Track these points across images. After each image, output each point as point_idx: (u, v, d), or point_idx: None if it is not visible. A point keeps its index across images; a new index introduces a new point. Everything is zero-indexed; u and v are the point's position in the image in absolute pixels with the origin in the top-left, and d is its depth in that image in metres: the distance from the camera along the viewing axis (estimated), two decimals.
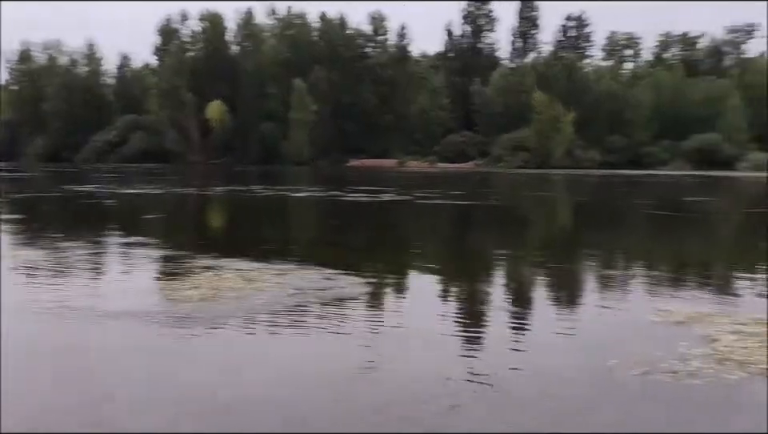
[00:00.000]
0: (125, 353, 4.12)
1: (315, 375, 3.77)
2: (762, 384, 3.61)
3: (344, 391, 3.51)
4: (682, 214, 17.13)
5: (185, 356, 4.10)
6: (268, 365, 3.97)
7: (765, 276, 7.39)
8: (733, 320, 4.87)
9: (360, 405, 3.33)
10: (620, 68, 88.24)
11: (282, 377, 3.74)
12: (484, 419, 3.15)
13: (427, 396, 3.42)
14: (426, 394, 3.46)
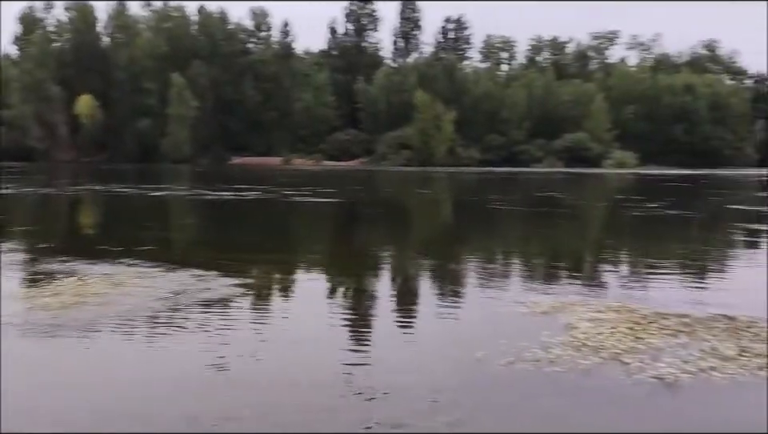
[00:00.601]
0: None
1: (165, 380, 3.61)
2: (613, 367, 3.85)
3: (199, 395, 3.38)
4: (546, 209, 18.12)
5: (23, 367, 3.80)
6: (118, 372, 3.76)
7: (618, 266, 7.94)
8: (590, 308, 5.17)
9: (213, 409, 3.21)
10: (496, 70, 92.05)
11: (132, 384, 3.55)
12: (356, 417, 3.14)
13: (289, 399, 3.36)
14: (281, 397, 3.39)
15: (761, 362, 3.90)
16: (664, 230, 13.02)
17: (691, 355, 4.04)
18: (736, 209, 17.89)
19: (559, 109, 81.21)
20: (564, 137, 77.11)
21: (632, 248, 10.40)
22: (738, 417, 3.20)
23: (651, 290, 6.33)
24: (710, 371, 3.76)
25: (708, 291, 6.34)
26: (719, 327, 4.67)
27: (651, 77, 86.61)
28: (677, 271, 7.72)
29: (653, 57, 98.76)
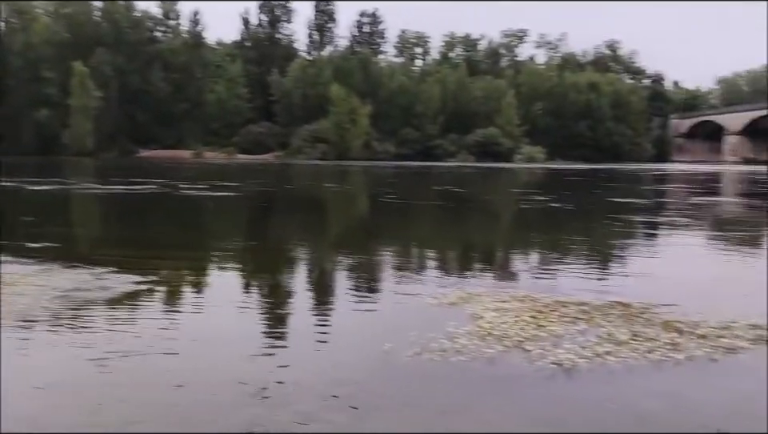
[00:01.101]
0: None
1: (57, 385, 3.41)
2: (516, 355, 3.95)
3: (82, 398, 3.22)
4: (449, 203, 18.52)
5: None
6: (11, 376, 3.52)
7: (523, 257, 8.20)
8: (496, 299, 5.30)
9: (111, 413, 3.06)
10: (411, 65, 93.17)
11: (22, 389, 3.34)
12: (250, 415, 3.06)
13: (184, 399, 3.26)
14: (178, 397, 3.28)
15: (650, 345, 4.11)
16: (561, 222, 13.56)
17: (588, 340, 4.20)
18: (626, 201, 18.88)
19: (472, 104, 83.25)
20: (476, 132, 79.12)
21: (534, 240, 10.75)
22: (628, 398, 3.35)
23: (554, 280, 6.57)
24: (605, 356, 3.92)
25: (606, 280, 6.63)
26: (615, 313, 4.89)
27: (558, 75, 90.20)
28: (577, 261, 8.03)
29: (559, 56, 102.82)
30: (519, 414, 3.18)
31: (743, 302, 5.43)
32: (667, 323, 4.62)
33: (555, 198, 19.37)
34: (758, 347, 4.15)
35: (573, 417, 3.12)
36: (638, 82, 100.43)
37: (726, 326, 4.57)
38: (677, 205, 19.14)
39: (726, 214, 16.35)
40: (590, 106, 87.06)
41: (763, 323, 4.62)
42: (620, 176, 39.84)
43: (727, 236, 11.55)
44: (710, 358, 3.95)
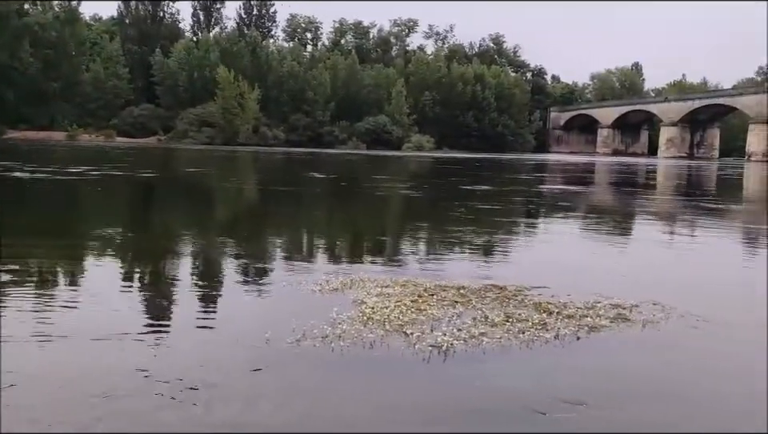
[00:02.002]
0: None
1: None
2: (396, 338, 4.02)
3: None
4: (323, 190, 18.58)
5: None
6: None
7: (405, 243, 8.36)
8: (378, 284, 5.37)
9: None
10: (301, 50, 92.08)
11: None
12: (93, 415, 2.94)
13: (39, 399, 3.07)
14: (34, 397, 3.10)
15: (522, 326, 4.32)
16: (433, 209, 13.97)
17: (465, 323, 4.36)
18: (499, 189, 19.72)
19: (362, 92, 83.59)
20: (367, 120, 79.58)
21: (413, 227, 11.00)
22: (499, 376, 3.51)
23: (435, 265, 6.75)
24: (481, 337, 4.08)
25: (484, 265, 6.90)
26: (490, 296, 5.10)
27: (447, 66, 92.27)
28: (458, 247, 8.29)
29: (448, 47, 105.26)
30: (397, 395, 3.25)
31: (607, 283, 5.81)
32: (538, 305, 4.87)
33: (428, 187, 19.91)
34: (617, 325, 4.47)
35: (444, 396, 3.23)
36: (520, 75, 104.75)
37: (590, 306, 4.88)
38: (550, 193, 20.20)
39: (595, 202, 17.46)
40: (476, 98, 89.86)
41: (623, 303, 4.98)
42: (496, 165, 41.52)
43: (594, 223, 12.34)
44: (576, 336, 4.21)
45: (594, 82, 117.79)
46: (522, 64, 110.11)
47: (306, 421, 2.93)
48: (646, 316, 4.67)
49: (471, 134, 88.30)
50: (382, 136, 77.70)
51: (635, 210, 15.19)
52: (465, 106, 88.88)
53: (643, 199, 19.10)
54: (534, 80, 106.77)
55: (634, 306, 4.91)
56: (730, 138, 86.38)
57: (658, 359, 3.93)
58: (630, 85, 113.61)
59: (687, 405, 3.24)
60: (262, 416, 2.94)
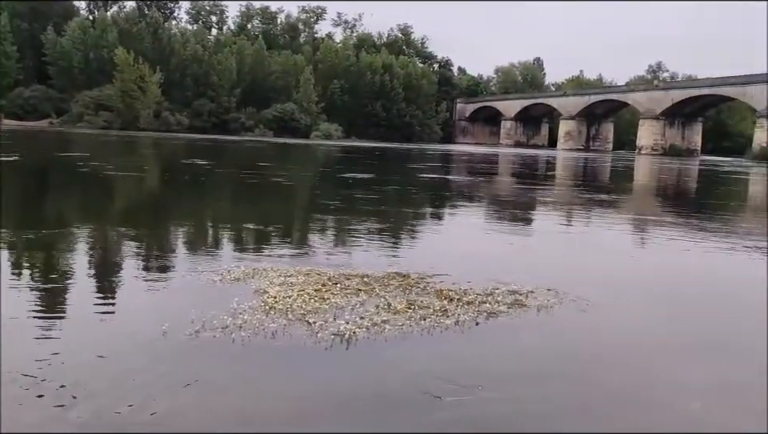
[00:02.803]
0: None
1: None
2: (298, 328, 4.00)
3: None
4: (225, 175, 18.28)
5: None
6: None
7: (311, 231, 8.32)
8: (281, 273, 5.32)
9: None
10: (206, 33, 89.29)
11: None
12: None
13: None
14: None
15: (424, 313, 4.40)
16: (346, 195, 14.03)
17: (368, 311, 4.39)
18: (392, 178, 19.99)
19: (270, 79, 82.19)
20: (274, 107, 78.35)
21: (318, 214, 10.97)
22: (399, 362, 3.56)
23: (340, 253, 6.75)
24: (383, 325, 4.12)
25: (388, 253, 6.96)
26: (394, 284, 5.16)
27: (355, 54, 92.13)
28: (363, 236, 8.33)
29: (356, 35, 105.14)
30: (298, 384, 3.23)
31: (506, 271, 6.01)
32: (440, 292, 4.98)
33: (312, 175, 19.92)
34: (513, 310, 4.64)
35: (345, 384, 3.25)
36: (428, 66, 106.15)
37: (490, 292, 5.04)
38: (455, 183, 20.67)
39: (497, 192, 18.02)
40: (384, 87, 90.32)
41: (520, 289, 5.17)
42: (399, 155, 42.06)
43: (495, 212, 12.74)
44: (475, 322, 4.33)
45: (498, 75, 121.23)
46: (430, 55, 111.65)
47: (203, 414, 2.86)
48: (541, 302, 4.87)
49: (380, 123, 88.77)
50: (289, 124, 76.76)
51: (534, 199, 15.79)
52: (373, 95, 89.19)
53: (542, 189, 19.89)
54: (441, 71, 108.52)
55: (530, 292, 5.11)
56: (622, 131, 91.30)
57: (550, 341, 4.11)
58: (531, 79, 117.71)
59: (577, 385, 3.41)
60: (156, 410, 2.84)
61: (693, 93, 71.40)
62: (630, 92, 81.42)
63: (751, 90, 63.32)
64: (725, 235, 10.08)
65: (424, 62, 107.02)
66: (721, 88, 67.81)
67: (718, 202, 18.54)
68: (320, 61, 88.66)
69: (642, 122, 75.63)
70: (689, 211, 14.60)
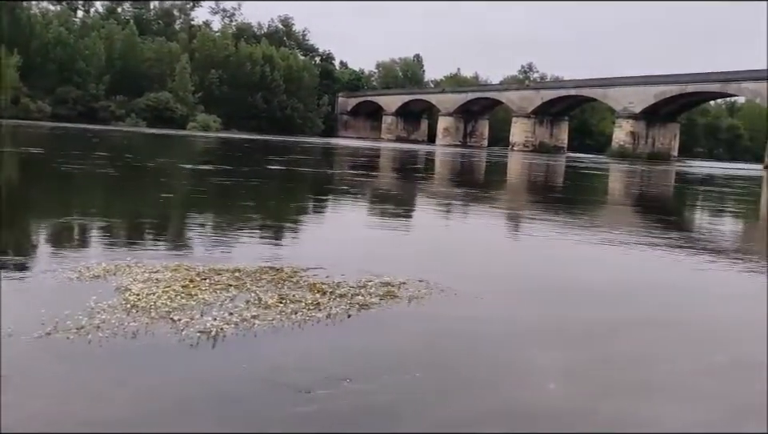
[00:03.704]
0: None
1: None
2: (162, 326, 3.81)
3: None
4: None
5: None
6: None
7: (181, 224, 8.01)
8: (146, 269, 5.06)
9: None
10: (71, 15, 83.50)
11: None
12: None
13: None
14: None
15: (295, 307, 4.34)
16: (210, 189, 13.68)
17: (237, 306, 4.27)
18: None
19: (142, 66, 78.25)
20: (147, 96, 74.78)
21: (184, 208, 10.61)
22: (266, 357, 3.48)
23: (210, 247, 6.54)
24: (252, 320, 4.02)
25: (263, 247, 6.83)
26: (266, 278, 5.06)
27: (234, 44, 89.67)
28: (238, 229, 8.13)
29: (235, 25, 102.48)
30: (157, 385, 3.07)
31: (380, 263, 6.07)
32: (313, 285, 4.93)
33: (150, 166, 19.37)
34: (385, 301, 4.68)
35: (208, 382, 3.13)
36: (309, 59, 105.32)
37: (363, 285, 5.06)
38: (337, 177, 20.71)
39: (379, 186, 18.23)
40: (265, 79, 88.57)
41: (392, 281, 5.23)
42: (271, 147, 41.62)
43: (372, 205, 12.88)
44: (347, 314, 4.33)
45: (379, 70, 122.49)
46: (311, 48, 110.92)
47: (46, 425, 2.65)
48: (412, 292, 4.96)
49: (260, 115, 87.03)
50: (164, 114, 73.46)
51: (411, 193, 16.12)
52: (254, 86, 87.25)
53: (420, 183, 20.35)
54: (323, 65, 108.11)
55: (402, 283, 5.18)
56: (497, 128, 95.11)
57: (420, 331, 4.18)
58: (412, 75, 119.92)
59: (446, 373, 3.48)
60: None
61: (561, 93, 75.75)
62: (504, 91, 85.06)
63: (611, 93, 68.14)
64: (587, 227, 10.77)
65: (305, 55, 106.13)
66: (585, 90, 72.43)
67: (582, 197, 19.83)
68: (197, 49, 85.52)
69: (515, 119, 79.25)
70: (555, 205, 15.48)
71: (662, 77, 63.62)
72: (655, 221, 12.94)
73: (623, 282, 6.27)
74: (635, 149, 64.24)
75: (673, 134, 67.70)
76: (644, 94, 64.05)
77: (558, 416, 3.02)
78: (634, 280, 6.38)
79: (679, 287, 6.24)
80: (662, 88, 62.46)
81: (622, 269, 7.05)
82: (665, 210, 16.93)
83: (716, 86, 59.88)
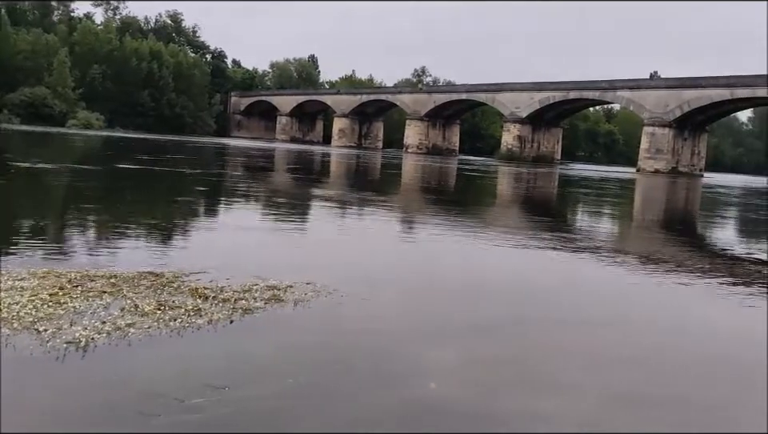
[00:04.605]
0: None
1: None
2: (25, 338, 3.55)
3: None
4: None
5: None
6: None
7: (53, 229, 7.54)
8: (10, 277, 4.70)
9: None
10: None
11: None
12: None
13: None
14: None
15: (174, 313, 4.17)
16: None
17: (111, 314, 4.05)
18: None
19: (16, 59, 72.97)
20: (22, 90, 69.89)
21: (59, 212, 10.03)
22: (144, 367, 3.32)
23: (89, 253, 6.18)
24: (127, 329, 3.83)
25: (144, 251, 6.53)
26: (145, 284, 4.83)
27: (118, 39, 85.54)
28: (112, 233, 7.74)
29: (120, 18, 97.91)
30: (12, 403, 2.84)
31: (268, 266, 5.96)
32: (195, 290, 4.77)
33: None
34: (270, 305, 4.60)
35: (73, 396, 2.94)
36: (200, 56, 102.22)
37: (248, 289, 4.94)
38: (228, 177, 20.21)
39: (268, 188, 17.97)
40: (152, 76, 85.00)
41: (279, 284, 5.15)
42: (150, 146, 40.23)
43: (263, 207, 12.68)
44: (230, 320, 4.21)
45: (273, 70, 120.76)
46: (202, 45, 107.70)
47: None
48: (299, 296, 4.90)
49: (147, 113, 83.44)
50: (42, 110, 68.80)
51: (301, 194, 16.01)
52: (140, 83, 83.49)
53: (313, 185, 20.25)
54: (215, 63, 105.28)
55: (288, 286, 5.11)
56: (392, 130, 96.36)
57: (305, 334, 4.14)
58: (306, 76, 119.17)
59: (330, 376, 3.45)
60: None
61: (452, 97, 77.83)
62: (399, 93, 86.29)
63: (500, 98, 70.77)
64: (477, 228, 11.10)
65: (196, 52, 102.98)
66: (475, 94, 74.83)
67: (473, 198, 20.46)
68: (77, 43, 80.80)
69: (409, 122, 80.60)
70: (447, 207, 15.87)
71: (546, 84, 66.82)
72: (539, 222, 13.56)
73: (509, 281, 6.51)
74: (522, 152, 67.05)
75: (556, 139, 71.23)
76: (530, 100, 67.00)
77: (442, 414, 3.07)
78: (520, 279, 6.64)
79: (560, 285, 6.55)
80: (547, 94, 65.60)
81: (508, 268, 7.32)
82: (548, 211, 17.78)
83: (595, 93, 63.59)
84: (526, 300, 5.66)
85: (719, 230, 15.02)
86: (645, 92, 57.73)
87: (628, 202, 23.67)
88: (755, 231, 15.95)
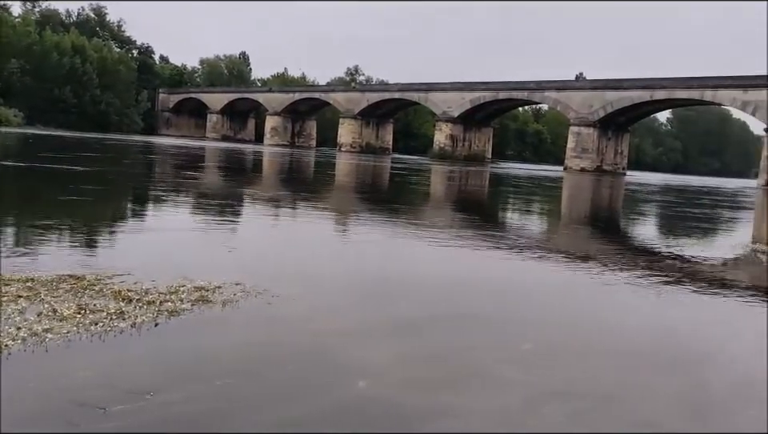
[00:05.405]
0: None
1: None
2: None
3: None
4: None
5: None
6: None
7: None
8: None
9: None
10: None
11: None
12: None
13: None
14: None
15: (95, 317, 4.03)
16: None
17: (27, 319, 3.88)
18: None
19: None
20: None
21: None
22: (61, 374, 3.19)
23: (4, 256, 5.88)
24: (44, 334, 3.67)
25: (66, 253, 6.28)
26: (64, 287, 4.65)
27: (38, 32, 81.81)
28: (32, 234, 7.41)
29: (39, 11, 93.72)
30: None
31: (196, 267, 5.83)
32: (118, 293, 4.62)
33: None
34: (198, 307, 4.50)
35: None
36: (126, 52, 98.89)
37: (174, 290, 4.83)
38: (159, 176, 19.65)
39: (204, 187, 17.58)
40: (75, 71, 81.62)
41: (207, 285, 5.05)
42: (66, 143, 38.86)
43: (195, 208, 12.41)
44: (155, 322, 4.10)
45: (203, 67, 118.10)
46: (128, 40, 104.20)
47: None
48: (227, 297, 4.82)
49: (70, 110, 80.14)
50: None
51: (231, 194, 15.74)
52: (62, 79, 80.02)
53: (244, 184, 19.94)
54: (142, 58, 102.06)
55: (217, 287, 5.02)
56: (325, 129, 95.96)
57: (232, 336, 4.07)
58: (238, 73, 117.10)
59: (257, 378, 3.41)
60: None
61: (385, 96, 78.14)
62: (331, 92, 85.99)
63: (432, 97, 71.57)
64: (407, 227, 11.20)
65: (121, 47, 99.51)
66: (408, 93, 75.39)
67: (405, 196, 20.60)
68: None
69: (342, 120, 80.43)
70: (379, 206, 15.93)
71: (477, 84, 67.99)
72: (471, 220, 13.80)
73: (438, 277, 6.59)
74: (454, 151, 68.03)
75: (487, 138, 72.60)
76: (461, 100, 68.04)
77: (364, 411, 3.08)
78: (452, 276, 6.73)
79: (493, 282, 6.68)
80: (478, 94, 66.78)
81: (441, 265, 7.41)
82: (479, 209, 18.11)
83: (524, 93, 65.18)
84: (448, 298, 5.75)
85: (640, 226, 15.70)
86: (571, 93, 59.62)
87: (556, 200, 24.39)
88: (671, 227, 16.74)
